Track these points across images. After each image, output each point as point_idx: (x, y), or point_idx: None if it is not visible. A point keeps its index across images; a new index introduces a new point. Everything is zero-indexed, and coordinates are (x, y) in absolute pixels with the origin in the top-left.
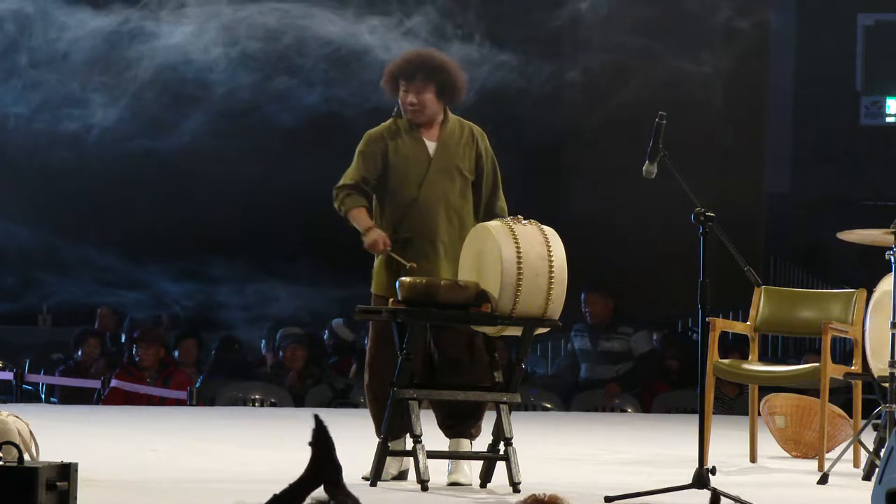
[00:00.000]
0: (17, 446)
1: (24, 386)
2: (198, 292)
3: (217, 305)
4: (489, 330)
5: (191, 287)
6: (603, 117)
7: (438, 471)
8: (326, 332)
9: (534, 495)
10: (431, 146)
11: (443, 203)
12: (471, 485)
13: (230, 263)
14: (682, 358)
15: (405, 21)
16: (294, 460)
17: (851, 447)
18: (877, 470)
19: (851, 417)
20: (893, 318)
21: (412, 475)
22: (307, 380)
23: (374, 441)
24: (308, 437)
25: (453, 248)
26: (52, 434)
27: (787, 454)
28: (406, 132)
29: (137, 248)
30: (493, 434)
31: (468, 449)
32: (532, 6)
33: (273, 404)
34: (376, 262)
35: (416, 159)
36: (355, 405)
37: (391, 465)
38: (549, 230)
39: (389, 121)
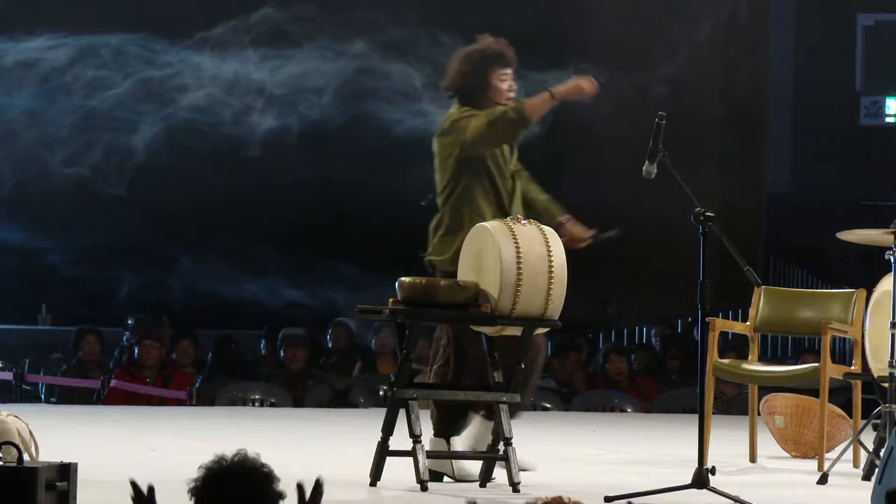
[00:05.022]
0: (16, 446)
1: (24, 386)
2: (314, 293)
3: (332, 303)
4: (489, 330)
5: (307, 285)
6: (603, 116)
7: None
8: (330, 331)
9: (560, 497)
10: None
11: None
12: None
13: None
14: (683, 357)
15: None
16: (294, 460)
17: (851, 447)
18: (877, 470)
19: (851, 417)
20: (893, 318)
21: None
22: (307, 380)
23: (374, 441)
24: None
25: None
26: (52, 434)
27: (786, 454)
28: None
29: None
30: (493, 434)
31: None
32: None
33: (273, 404)
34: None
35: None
36: (355, 405)
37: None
38: (548, 230)
39: (462, 108)
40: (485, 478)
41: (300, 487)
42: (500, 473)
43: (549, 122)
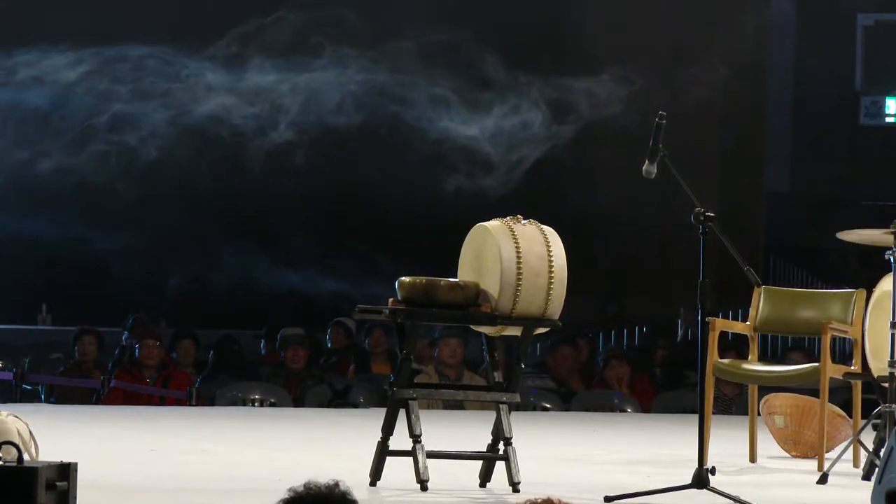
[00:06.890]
0: (16, 446)
1: (24, 386)
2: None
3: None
4: (489, 330)
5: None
6: (602, 116)
7: (438, 471)
8: (329, 331)
9: (549, 499)
10: None
11: None
12: None
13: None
14: (670, 349)
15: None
16: (293, 460)
17: (851, 447)
18: (876, 470)
19: (851, 417)
20: (893, 318)
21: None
22: (307, 380)
23: (374, 441)
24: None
25: None
26: (52, 434)
27: (786, 454)
28: None
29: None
30: (493, 434)
31: None
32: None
33: (272, 404)
34: None
35: None
36: (355, 405)
37: None
38: (548, 230)
39: None
40: (485, 478)
41: None
42: (499, 474)
43: (581, 123)
